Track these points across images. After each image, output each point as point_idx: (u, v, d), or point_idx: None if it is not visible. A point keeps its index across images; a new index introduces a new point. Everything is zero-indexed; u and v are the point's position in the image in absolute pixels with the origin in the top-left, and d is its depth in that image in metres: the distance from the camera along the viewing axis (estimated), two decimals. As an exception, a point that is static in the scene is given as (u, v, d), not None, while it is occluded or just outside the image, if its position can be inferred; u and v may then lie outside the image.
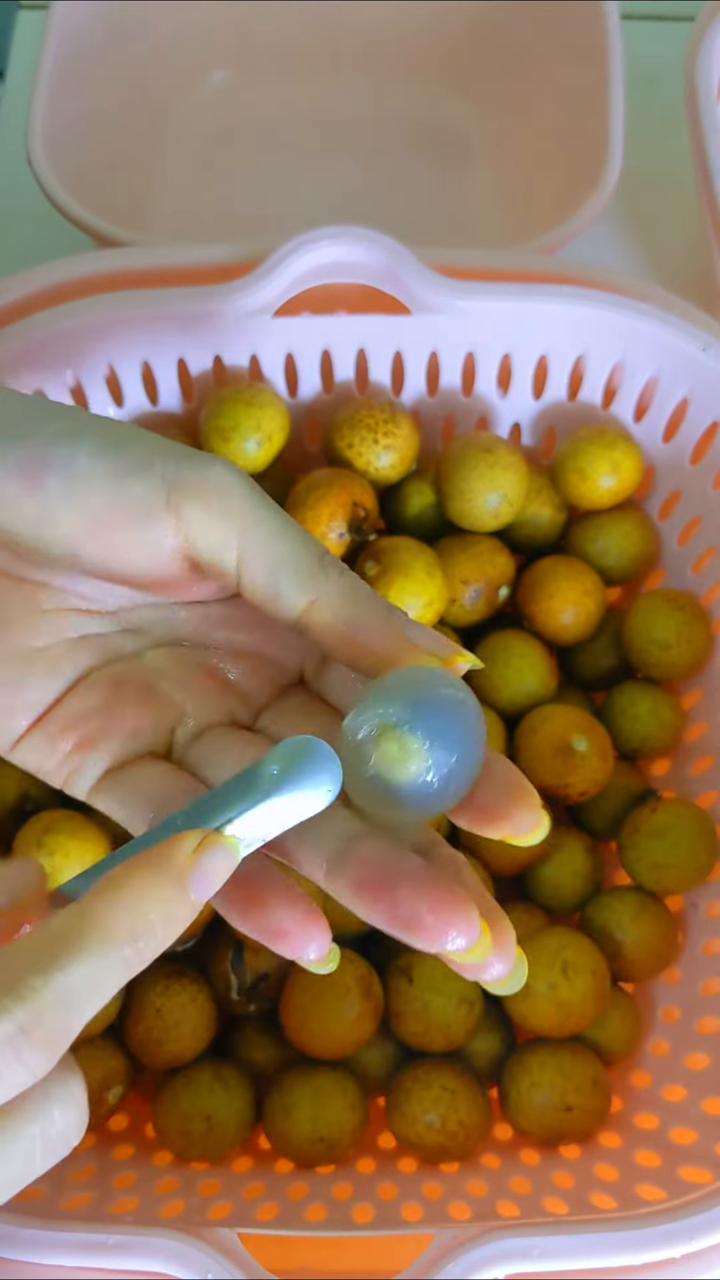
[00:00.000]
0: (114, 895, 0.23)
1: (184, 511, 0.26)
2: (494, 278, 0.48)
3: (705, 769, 0.49)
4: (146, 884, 0.23)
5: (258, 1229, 0.37)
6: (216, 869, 0.24)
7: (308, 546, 0.27)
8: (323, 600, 0.26)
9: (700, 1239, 0.34)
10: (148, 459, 0.27)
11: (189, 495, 0.26)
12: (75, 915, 0.23)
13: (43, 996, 0.22)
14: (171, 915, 0.23)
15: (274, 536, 0.27)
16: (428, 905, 0.24)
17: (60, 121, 0.59)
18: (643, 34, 0.70)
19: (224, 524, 0.26)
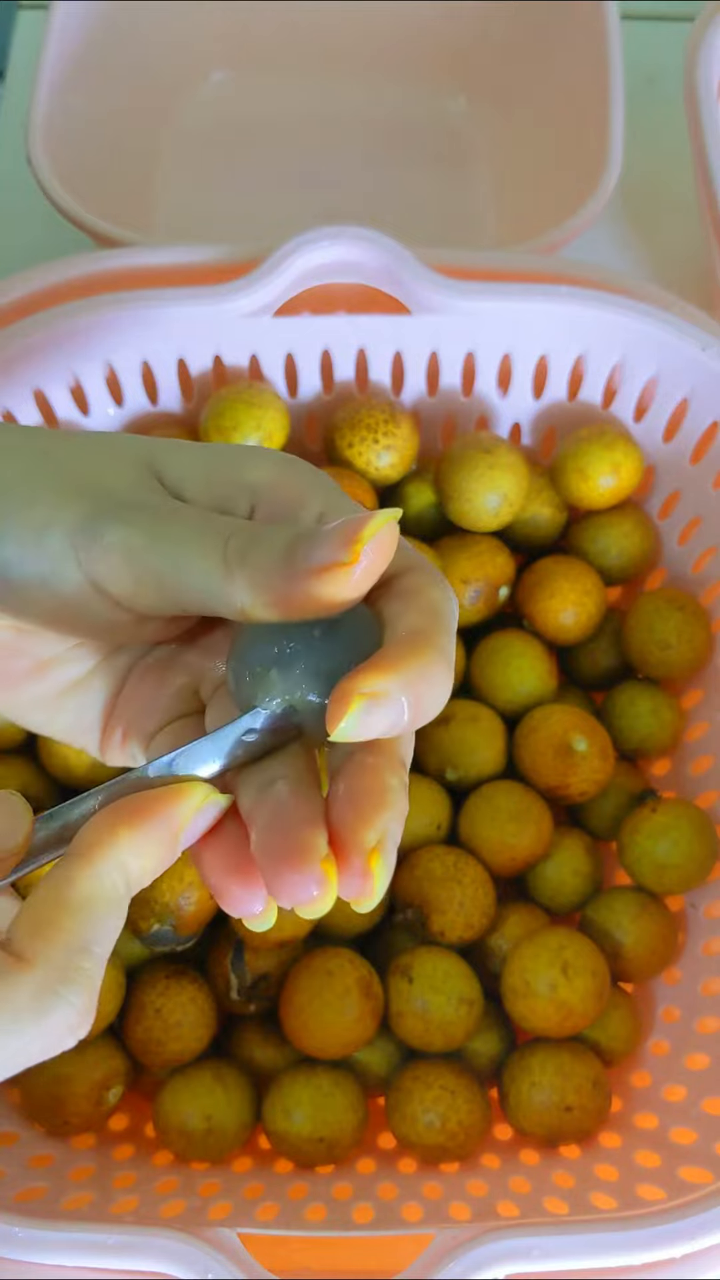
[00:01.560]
0: (116, 852, 0.24)
1: (114, 593, 0.25)
2: (494, 278, 0.48)
3: (705, 769, 0.49)
4: (145, 840, 0.24)
5: (258, 1229, 0.37)
6: (204, 824, 0.25)
7: (205, 554, 0.24)
8: (239, 600, 0.24)
9: (700, 1239, 0.34)
10: (63, 549, 0.25)
11: (107, 580, 0.25)
12: (89, 878, 0.23)
13: (93, 975, 0.23)
14: (160, 866, 0.24)
15: (173, 567, 0.25)
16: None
17: (60, 121, 0.59)
18: (643, 34, 0.70)
19: (141, 589, 0.25)
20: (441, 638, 0.24)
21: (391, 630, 0.24)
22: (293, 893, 0.23)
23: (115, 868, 0.24)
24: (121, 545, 0.25)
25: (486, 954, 0.46)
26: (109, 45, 0.65)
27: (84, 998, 0.23)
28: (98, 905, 0.23)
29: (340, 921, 0.46)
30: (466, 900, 0.45)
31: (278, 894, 0.23)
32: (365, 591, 0.24)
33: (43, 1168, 0.41)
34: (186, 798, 0.24)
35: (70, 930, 0.23)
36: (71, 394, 0.49)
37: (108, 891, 0.23)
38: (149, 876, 0.24)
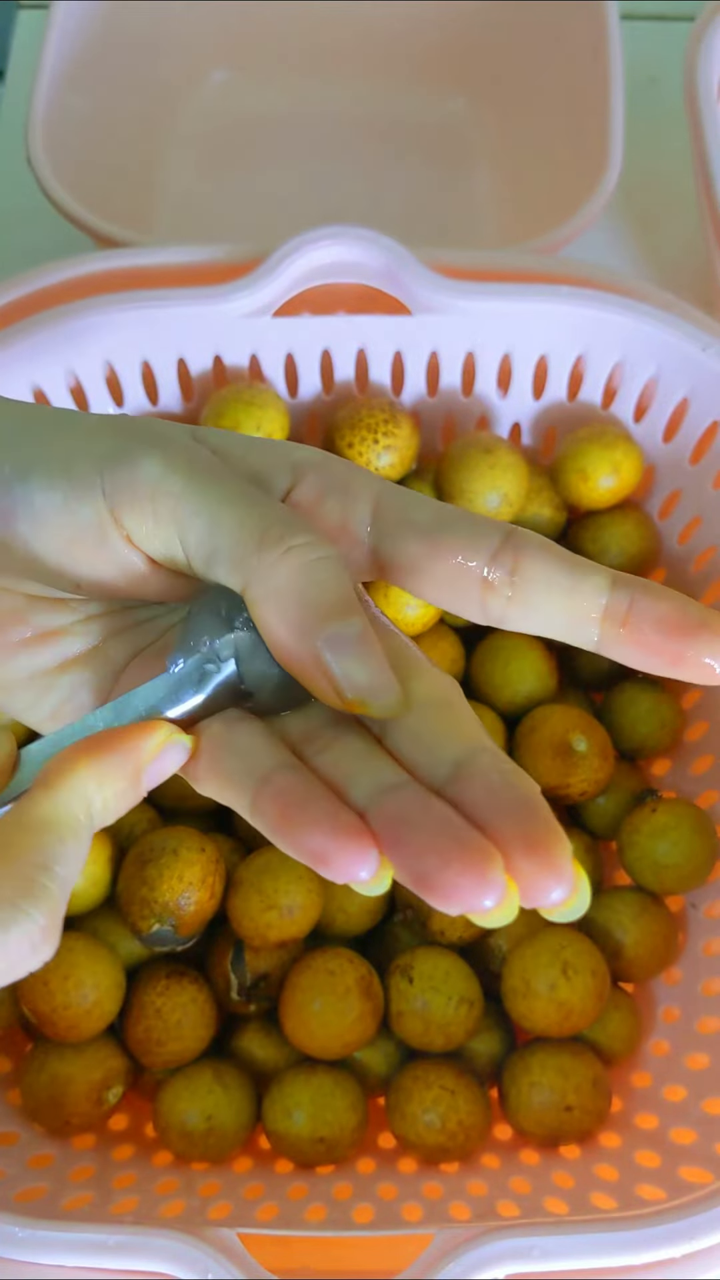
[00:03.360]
0: (78, 782, 0.24)
1: (125, 523, 0.25)
2: (494, 278, 0.48)
3: (705, 769, 0.49)
4: (107, 773, 0.24)
5: (258, 1229, 0.37)
6: (169, 765, 0.25)
7: (245, 528, 0.24)
8: (254, 584, 0.24)
9: (700, 1239, 0.34)
10: (89, 478, 0.25)
11: (124, 506, 0.25)
12: (49, 802, 0.24)
13: (54, 894, 0.23)
14: (122, 802, 0.25)
15: (209, 527, 0.25)
16: (438, 865, 0.22)
17: (60, 121, 0.59)
18: (643, 34, 0.70)
19: (158, 528, 0.25)
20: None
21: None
22: (476, 897, 0.21)
23: (76, 795, 0.24)
24: (154, 481, 0.25)
25: (486, 954, 0.46)
26: (109, 45, 0.65)
27: (46, 915, 0.23)
28: (56, 827, 0.23)
29: (340, 921, 0.46)
30: (466, 900, 0.45)
31: (447, 896, 0.22)
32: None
33: (43, 1168, 0.41)
34: (150, 733, 0.25)
35: (29, 849, 0.23)
36: (71, 394, 0.49)
37: (67, 816, 0.24)
38: (112, 811, 0.24)
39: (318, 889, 0.44)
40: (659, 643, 0.24)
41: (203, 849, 0.43)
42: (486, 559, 0.25)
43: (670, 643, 0.24)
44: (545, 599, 0.25)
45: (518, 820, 0.22)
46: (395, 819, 0.23)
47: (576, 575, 0.25)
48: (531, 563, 0.25)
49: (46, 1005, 0.42)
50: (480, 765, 0.24)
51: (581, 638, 0.25)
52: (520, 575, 0.25)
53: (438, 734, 0.24)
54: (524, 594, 0.25)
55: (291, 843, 0.23)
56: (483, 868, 0.22)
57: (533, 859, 0.22)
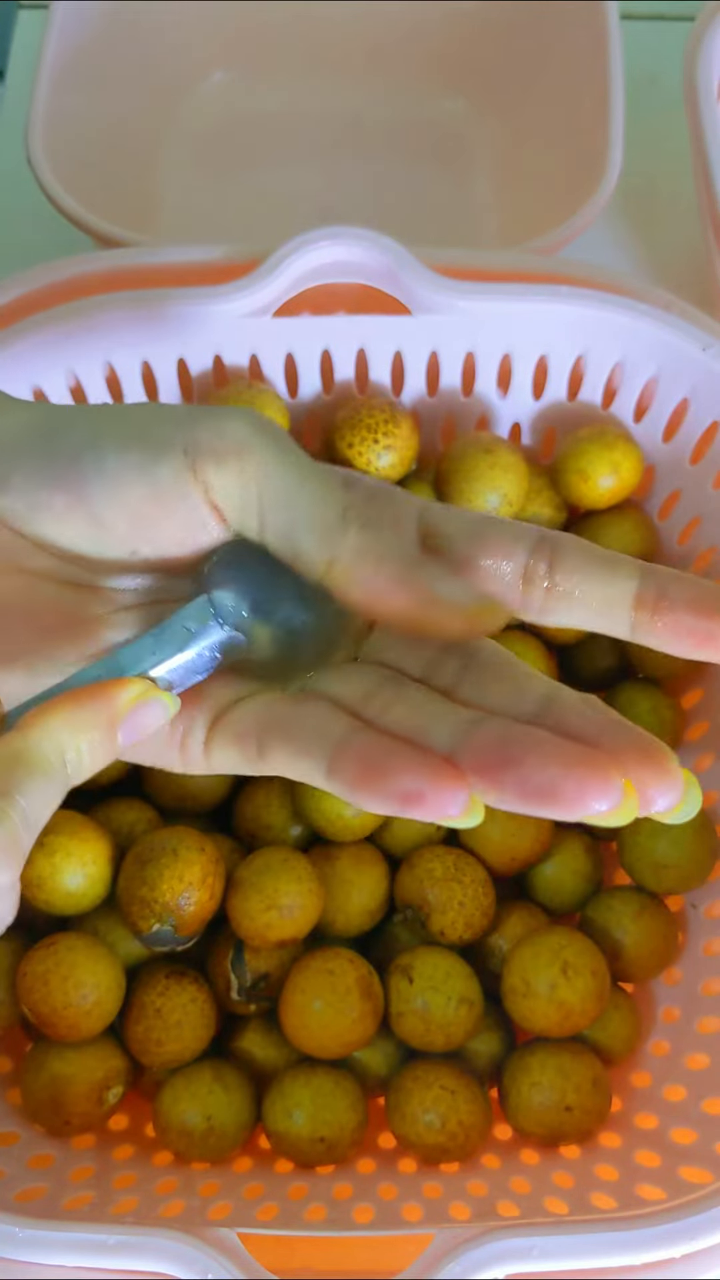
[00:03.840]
0: (52, 727, 0.24)
1: (207, 478, 0.26)
2: (494, 278, 0.48)
3: (705, 769, 0.49)
4: (80, 722, 0.24)
5: (258, 1229, 0.37)
6: (149, 721, 0.25)
7: (327, 502, 0.26)
8: (340, 560, 0.26)
9: (700, 1239, 0.34)
10: (169, 437, 0.26)
11: (208, 460, 0.26)
12: (20, 740, 0.24)
13: (12, 820, 0.23)
14: (98, 754, 0.25)
15: (291, 494, 0.26)
16: (561, 772, 0.23)
17: (60, 121, 0.59)
18: (643, 34, 0.70)
19: (242, 486, 0.26)
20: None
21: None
22: (596, 800, 0.23)
23: (48, 738, 0.24)
24: (243, 439, 0.26)
25: (486, 954, 0.46)
26: (109, 45, 0.65)
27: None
28: (24, 761, 0.24)
29: (340, 921, 0.46)
30: (467, 900, 0.45)
31: (572, 802, 0.23)
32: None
33: (43, 1168, 0.41)
34: (124, 687, 0.25)
35: None
36: (71, 394, 0.49)
37: (37, 754, 0.24)
38: (87, 762, 0.25)
39: (318, 889, 0.44)
40: (691, 624, 0.25)
41: (202, 849, 0.43)
42: (526, 554, 0.27)
43: (702, 622, 0.25)
44: (583, 589, 0.26)
45: (623, 736, 0.24)
46: (498, 743, 0.24)
47: (610, 566, 0.26)
48: (568, 556, 0.27)
49: (46, 1005, 0.42)
50: (567, 698, 0.25)
51: (617, 625, 0.26)
52: (558, 568, 0.26)
53: (516, 679, 0.26)
54: (563, 586, 0.26)
55: (380, 791, 0.24)
56: (605, 770, 0.23)
57: (648, 766, 0.23)
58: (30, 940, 0.44)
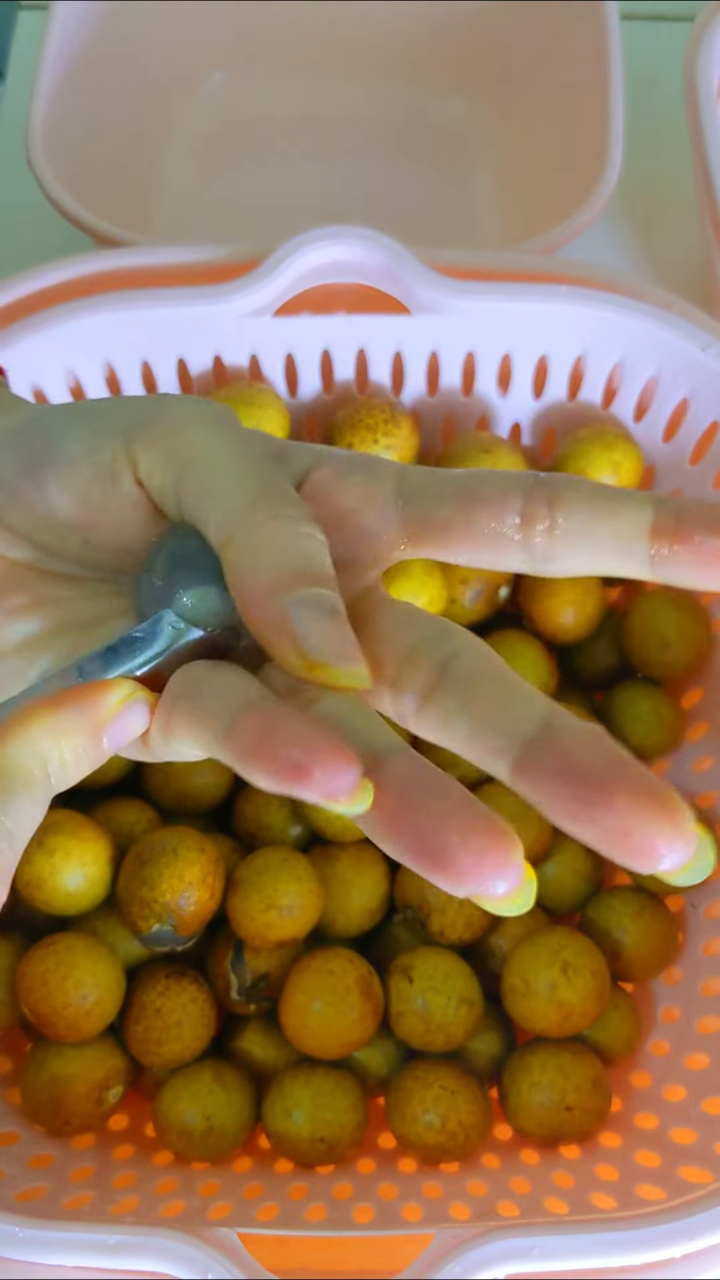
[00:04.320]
0: (31, 736, 0.23)
1: (135, 456, 0.25)
2: (494, 278, 0.48)
3: (705, 769, 0.49)
4: (62, 729, 0.23)
5: (258, 1229, 0.37)
6: (134, 724, 0.24)
7: (243, 487, 0.24)
8: (231, 546, 0.23)
9: (700, 1239, 0.34)
10: (119, 421, 0.26)
11: (142, 443, 0.25)
12: (3, 755, 0.23)
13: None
14: (83, 761, 0.24)
15: (211, 475, 0.24)
16: (459, 836, 0.20)
17: (60, 121, 0.59)
18: (643, 34, 0.70)
19: (164, 464, 0.25)
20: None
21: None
22: (489, 880, 0.20)
23: (28, 750, 0.23)
24: (178, 422, 0.25)
25: (486, 954, 0.46)
26: (109, 45, 0.65)
27: None
28: (3, 775, 0.22)
29: (340, 921, 0.46)
30: (467, 900, 0.45)
31: (462, 877, 0.20)
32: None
33: (43, 1168, 0.41)
34: (110, 690, 0.24)
35: None
36: (71, 394, 0.49)
37: (17, 767, 0.23)
38: (72, 770, 0.23)
39: (318, 889, 0.44)
40: (717, 547, 0.23)
41: (202, 849, 0.43)
42: (521, 498, 0.24)
43: None
44: (589, 526, 0.24)
45: (632, 778, 0.20)
46: (405, 780, 0.21)
47: (617, 498, 0.24)
48: (569, 494, 0.24)
49: (46, 1005, 0.42)
50: (570, 725, 0.21)
51: (634, 563, 0.24)
52: (559, 508, 0.24)
53: (507, 694, 0.22)
54: (567, 524, 0.24)
55: (265, 759, 0.21)
56: (505, 846, 0.20)
57: (659, 816, 0.20)
58: (30, 940, 0.44)
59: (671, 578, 0.24)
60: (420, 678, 0.23)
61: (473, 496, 0.25)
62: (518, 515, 0.24)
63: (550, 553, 0.24)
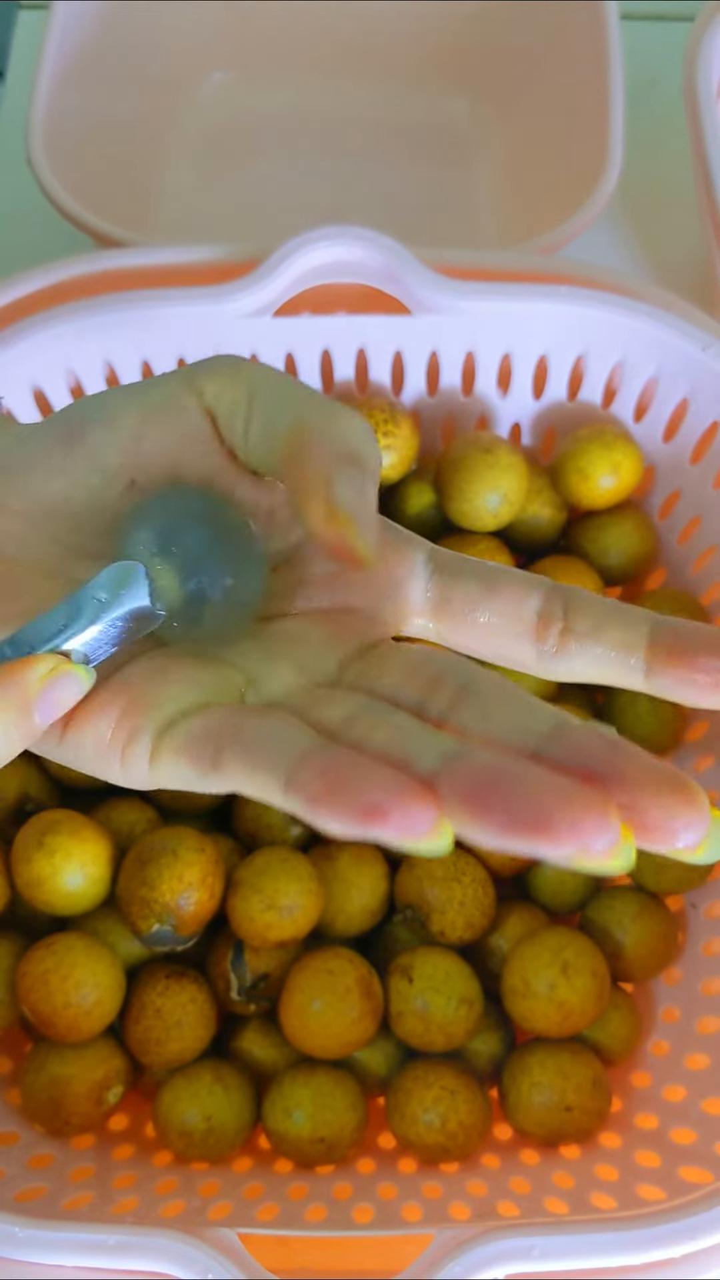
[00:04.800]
0: None
1: (200, 386, 0.27)
2: (494, 278, 0.48)
3: (705, 769, 0.49)
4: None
5: (258, 1229, 0.37)
6: (64, 697, 0.25)
7: (314, 394, 0.27)
8: (307, 422, 0.26)
9: (700, 1239, 0.34)
10: (166, 373, 0.28)
11: (203, 372, 0.28)
12: None
13: None
14: (14, 737, 0.24)
15: (281, 385, 0.27)
16: (555, 803, 0.21)
17: (60, 121, 0.59)
18: (643, 34, 0.70)
19: (234, 387, 0.27)
20: None
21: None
22: (591, 838, 0.21)
23: None
24: (240, 362, 0.28)
25: (486, 954, 0.46)
26: (109, 45, 0.65)
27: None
28: None
29: (340, 921, 0.46)
30: (467, 900, 0.45)
31: (565, 837, 0.20)
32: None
33: (43, 1168, 0.41)
34: (34, 664, 0.25)
35: None
36: (71, 394, 0.49)
37: None
38: (4, 746, 0.24)
39: (318, 889, 0.44)
40: (707, 664, 0.25)
41: (202, 849, 0.43)
42: (541, 597, 0.27)
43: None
44: (598, 632, 0.26)
45: (645, 766, 0.22)
46: (489, 768, 0.22)
47: (624, 612, 0.26)
48: (582, 602, 0.27)
49: (46, 1005, 0.42)
50: (579, 727, 0.24)
51: (630, 670, 0.26)
52: (573, 612, 0.26)
53: (521, 706, 0.24)
54: (578, 627, 0.26)
55: (340, 804, 0.21)
56: (602, 804, 0.21)
57: (675, 796, 0.21)
58: (30, 940, 0.44)
59: (662, 690, 0.26)
60: (444, 697, 0.25)
61: (497, 584, 0.27)
62: (536, 612, 0.27)
63: (561, 651, 0.27)
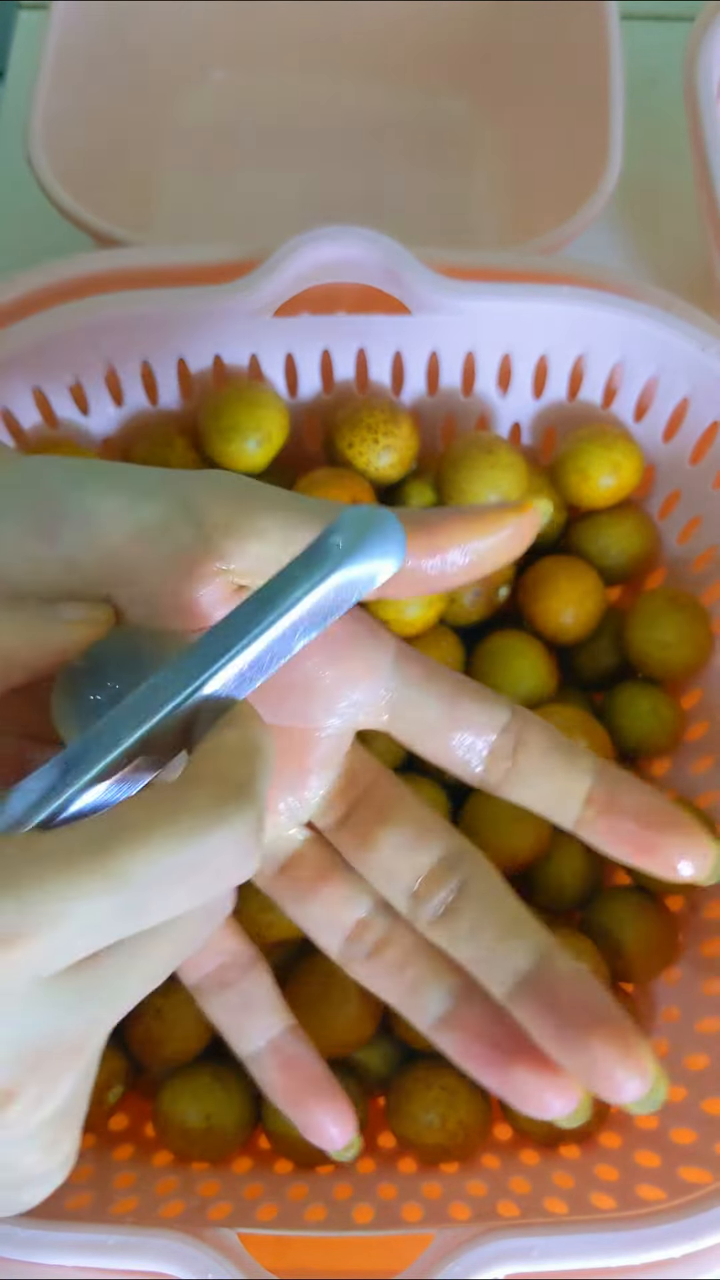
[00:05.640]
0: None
1: (214, 516, 0.26)
2: (494, 278, 0.48)
3: (705, 769, 0.49)
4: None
5: (258, 1229, 0.37)
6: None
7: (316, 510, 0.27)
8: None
9: (700, 1239, 0.34)
10: (157, 482, 0.27)
11: (202, 496, 0.26)
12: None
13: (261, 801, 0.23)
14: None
15: (283, 509, 0.27)
16: (529, 1076, 0.26)
17: (60, 121, 0.59)
18: (643, 34, 0.70)
19: (240, 516, 0.26)
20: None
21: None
22: (552, 1102, 0.27)
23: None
24: (241, 480, 0.28)
25: (486, 954, 0.46)
26: (109, 45, 0.65)
27: (258, 815, 0.22)
28: (254, 754, 0.23)
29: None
30: (466, 900, 0.45)
31: (533, 1103, 0.27)
32: None
33: (43, 1168, 0.41)
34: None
35: (231, 763, 0.22)
36: (71, 394, 0.49)
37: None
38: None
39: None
40: (634, 831, 0.27)
41: (203, 849, 0.43)
42: (497, 734, 0.28)
43: (646, 833, 0.26)
44: (541, 774, 0.28)
45: (605, 1021, 0.25)
46: (482, 1033, 0.28)
47: (570, 757, 0.28)
48: (534, 741, 0.28)
49: (46, 1005, 0.42)
50: (561, 964, 0.26)
51: (565, 815, 0.28)
52: (522, 751, 0.28)
53: (509, 921, 0.27)
54: (524, 768, 0.28)
55: (291, 1105, 0.30)
56: (569, 1087, 0.26)
57: (623, 1054, 0.25)
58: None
59: (590, 840, 0.27)
60: (440, 895, 0.28)
61: (456, 713, 0.28)
62: (489, 746, 0.28)
63: (503, 784, 0.28)
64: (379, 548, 0.23)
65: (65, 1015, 0.21)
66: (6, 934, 0.19)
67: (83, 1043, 0.22)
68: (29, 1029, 0.21)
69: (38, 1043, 0.21)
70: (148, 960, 0.23)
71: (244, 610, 0.23)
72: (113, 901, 0.20)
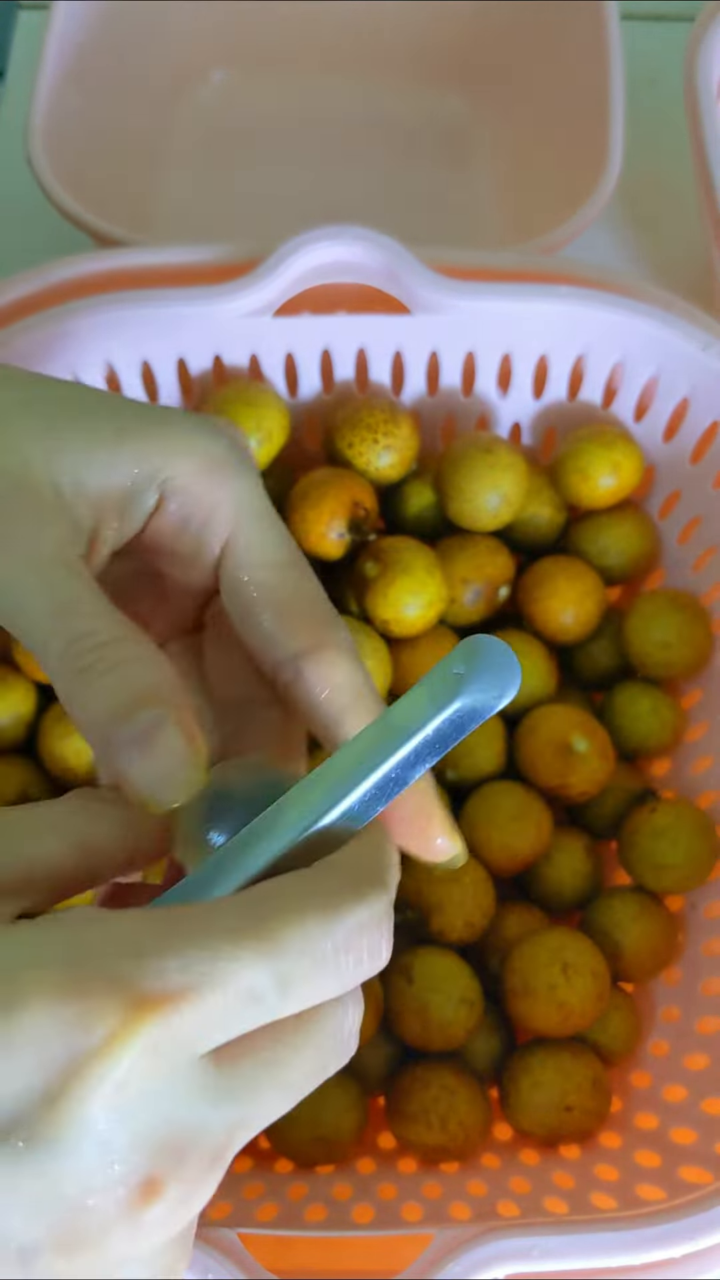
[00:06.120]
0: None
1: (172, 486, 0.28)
2: (494, 278, 0.48)
3: (705, 769, 0.49)
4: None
5: (258, 1229, 0.37)
6: None
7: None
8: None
9: (700, 1239, 0.34)
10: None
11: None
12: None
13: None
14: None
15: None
16: None
17: (60, 121, 0.59)
18: (643, 34, 0.70)
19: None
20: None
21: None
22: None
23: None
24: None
25: (486, 954, 0.46)
26: (109, 45, 0.65)
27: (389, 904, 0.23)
28: (384, 853, 0.24)
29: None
30: (466, 900, 0.45)
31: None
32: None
33: (43, 1168, 0.41)
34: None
35: (367, 856, 0.24)
36: (71, 394, 0.49)
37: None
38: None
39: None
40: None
41: (203, 849, 0.43)
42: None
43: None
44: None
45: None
46: None
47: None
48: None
49: (46, 1005, 0.42)
50: None
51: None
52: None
53: None
54: None
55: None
56: None
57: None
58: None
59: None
60: None
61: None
62: None
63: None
64: (498, 677, 0.24)
65: (211, 1110, 0.21)
66: (170, 991, 0.19)
67: (222, 1149, 0.21)
68: (178, 1113, 0.20)
69: (184, 1134, 0.20)
70: (288, 1070, 0.22)
71: (369, 738, 0.24)
72: (269, 969, 0.20)
